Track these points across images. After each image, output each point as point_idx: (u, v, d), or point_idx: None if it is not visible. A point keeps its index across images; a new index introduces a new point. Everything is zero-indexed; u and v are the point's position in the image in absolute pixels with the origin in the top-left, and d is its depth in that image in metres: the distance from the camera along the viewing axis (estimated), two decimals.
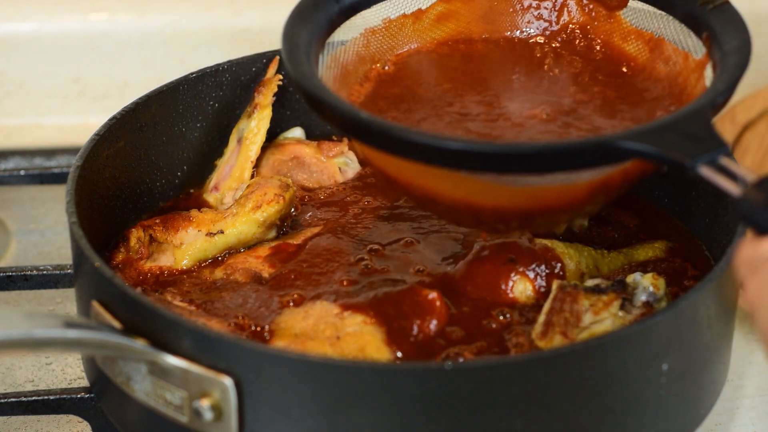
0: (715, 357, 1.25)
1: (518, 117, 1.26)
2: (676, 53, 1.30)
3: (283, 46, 1.22)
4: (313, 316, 1.26)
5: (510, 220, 1.24)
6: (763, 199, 1.02)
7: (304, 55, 1.22)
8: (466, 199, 1.20)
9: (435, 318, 1.26)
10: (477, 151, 1.13)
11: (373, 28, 1.32)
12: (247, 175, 1.47)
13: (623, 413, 1.18)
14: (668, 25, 1.31)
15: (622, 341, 1.15)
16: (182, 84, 1.47)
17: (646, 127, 1.13)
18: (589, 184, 1.18)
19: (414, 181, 1.21)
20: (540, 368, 1.13)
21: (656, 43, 1.32)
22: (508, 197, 1.19)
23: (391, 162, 1.20)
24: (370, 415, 1.13)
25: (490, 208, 1.21)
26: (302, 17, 1.25)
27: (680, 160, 1.09)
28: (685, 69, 1.28)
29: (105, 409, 1.28)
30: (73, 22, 1.85)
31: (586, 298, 1.26)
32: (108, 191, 1.40)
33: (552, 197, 1.19)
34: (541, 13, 1.37)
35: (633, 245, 1.39)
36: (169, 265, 1.37)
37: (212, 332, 1.16)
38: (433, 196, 1.22)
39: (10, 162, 1.80)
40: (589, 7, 1.36)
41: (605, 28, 1.36)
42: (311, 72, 1.21)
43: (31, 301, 1.55)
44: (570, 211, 1.25)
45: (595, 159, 1.13)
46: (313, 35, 1.24)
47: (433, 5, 1.35)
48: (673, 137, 1.10)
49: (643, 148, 1.10)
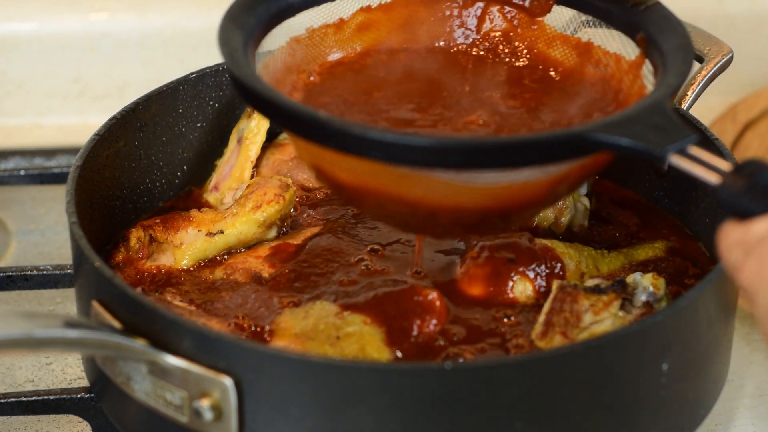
0: (715, 357, 1.25)
1: (456, 122, 1.25)
2: (607, 56, 1.30)
3: (222, 50, 1.19)
4: (313, 316, 1.26)
5: (468, 222, 1.21)
6: (742, 184, 1.03)
7: (243, 59, 1.19)
8: (423, 200, 1.17)
9: (435, 318, 1.26)
10: (449, 146, 1.11)
11: (297, 37, 1.30)
12: (247, 175, 1.46)
13: (623, 413, 1.18)
14: (597, 28, 1.31)
15: (622, 341, 1.15)
16: (182, 84, 1.47)
17: (615, 118, 1.12)
18: (549, 180, 1.17)
19: (369, 184, 1.18)
20: (540, 368, 1.13)
21: (584, 48, 1.32)
22: (468, 197, 1.17)
23: (344, 167, 1.17)
24: (370, 415, 1.13)
25: (448, 209, 1.18)
26: (234, 23, 1.22)
27: (650, 150, 1.09)
28: (618, 71, 1.28)
29: (105, 409, 1.28)
30: (73, 22, 1.85)
31: (586, 298, 1.26)
32: (108, 191, 1.40)
33: (512, 196, 1.18)
34: (462, 21, 1.36)
35: (633, 245, 1.39)
36: (169, 265, 1.37)
37: (212, 332, 1.16)
38: (389, 199, 1.19)
39: (10, 162, 1.80)
40: (511, 14, 1.36)
41: (529, 35, 1.35)
42: (256, 75, 1.19)
43: (31, 301, 1.55)
44: (528, 210, 1.23)
45: (566, 152, 1.12)
46: (247, 41, 1.22)
47: (354, 15, 1.34)
48: (641, 128, 1.10)
49: (615, 139, 1.10)
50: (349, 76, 1.31)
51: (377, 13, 1.34)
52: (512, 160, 1.11)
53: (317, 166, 1.22)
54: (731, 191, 1.04)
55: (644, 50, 1.25)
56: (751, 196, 1.03)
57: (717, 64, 1.44)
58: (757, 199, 1.02)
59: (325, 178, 1.23)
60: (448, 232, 1.27)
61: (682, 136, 1.09)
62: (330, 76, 1.31)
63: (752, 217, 1.02)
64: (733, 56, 1.45)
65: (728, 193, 1.04)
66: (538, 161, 1.12)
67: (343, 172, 1.19)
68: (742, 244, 1.02)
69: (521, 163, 1.12)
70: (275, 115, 1.16)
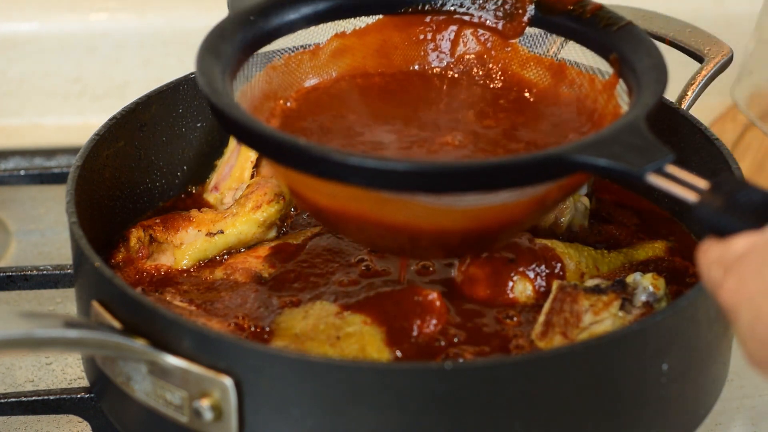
0: (715, 357, 1.25)
1: (432, 144, 1.26)
2: (581, 76, 1.31)
3: (199, 79, 1.19)
4: (313, 316, 1.26)
5: (450, 244, 1.22)
6: (720, 202, 1.04)
7: (222, 87, 1.20)
8: (404, 223, 1.18)
9: (435, 318, 1.26)
10: (427, 171, 1.11)
11: (274, 64, 1.31)
12: (247, 175, 1.46)
13: (623, 413, 1.18)
14: (570, 49, 1.32)
15: (622, 341, 1.15)
16: (182, 84, 1.47)
17: (591, 140, 1.13)
18: (529, 201, 1.18)
19: (349, 209, 1.19)
20: (540, 368, 1.13)
21: (558, 68, 1.33)
22: (449, 219, 1.18)
23: (324, 192, 1.18)
24: (370, 415, 1.13)
25: (429, 232, 1.19)
26: (212, 52, 1.23)
27: (629, 170, 1.10)
28: (592, 91, 1.30)
29: (105, 409, 1.28)
30: (73, 22, 1.85)
31: (586, 298, 1.26)
32: (108, 191, 1.40)
33: (492, 217, 1.19)
34: (436, 45, 1.37)
35: (633, 245, 1.39)
36: (169, 265, 1.37)
37: (212, 332, 1.16)
38: (369, 223, 1.19)
39: (10, 162, 1.80)
40: (484, 37, 1.37)
41: (502, 57, 1.36)
42: (235, 103, 1.19)
43: (31, 301, 1.55)
44: (509, 230, 1.24)
45: (545, 174, 1.13)
46: (224, 70, 1.23)
47: (329, 41, 1.35)
48: (618, 149, 1.11)
49: (593, 160, 1.11)
50: (325, 100, 1.32)
51: (351, 38, 1.35)
52: (491, 183, 1.12)
53: (298, 193, 1.23)
54: (709, 209, 1.04)
55: (617, 70, 1.26)
56: (729, 213, 1.03)
57: (717, 64, 1.44)
58: (735, 217, 1.02)
59: (306, 204, 1.24)
60: (430, 254, 1.28)
61: (659, 155, 1.10)
62: (306, 102, 1.32)
63: (731, 235, 1.02)
64: (733, 56, 1.45)
65: (706, 211, 1.05)
66: (516, 183, 1.13)
67: (323, 197, 1.19)
68: (722, 261, 1.01)
69: (500, 185, 1.13)
70: (255, 142, 1.16)
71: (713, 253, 1.03)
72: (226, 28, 1.26)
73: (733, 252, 1.01)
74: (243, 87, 1.26)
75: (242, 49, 1.26)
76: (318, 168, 1.12)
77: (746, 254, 1.00)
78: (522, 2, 1.34)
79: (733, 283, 1.00)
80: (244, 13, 1.28)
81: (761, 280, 0.98)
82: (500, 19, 1.35)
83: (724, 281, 1.01)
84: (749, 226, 1.01)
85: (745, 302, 0.98)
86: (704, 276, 1.03)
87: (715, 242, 1.03)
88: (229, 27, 1.26)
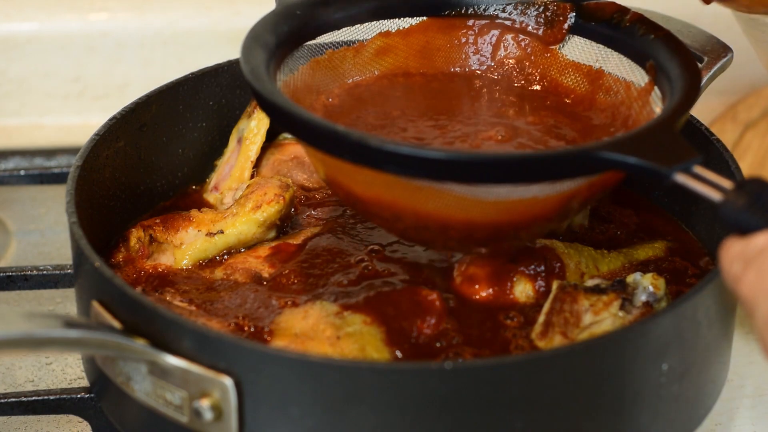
0: (715, 357, 1.25)
1: (474, 139, 1.29)
2: (617, 83, 1.34)
3: (244, 66, 1.22)
4: (313, 316, 1.26)
5: (479, 237, 1.24)
6: (744, 201, 1.07)
7: (266, 75, 1.23)
8: (436, 213, 1.20)
9: (435, 318, 1.26)
10: (463, 160, 1.14)
11: (318, 59, 1.34)
12: (247, 175, 1.47)
13: (623, 413, 1.18)
14: (608, 56, 1.35)
15: (622, 341, 1.15)
16: (182, 84, 1.47)
17: (622, 137, 1.16)
18: (559, 196, 1.20)
19: (383, 197, 1.21)
20: (540, 368, 1.13)
21: (596, 75, 1.36)
22: (480, 211, 1.20)
23: (359, 179, 1.20)
24: (370, 415, 1.13)
25: (460, 223, 1.21)
26: (257, 41, 1.26)
27: (657, 169, 1.12)
28: (628, 98, 1.32)
29: (105, 409, 1.28)
30: (73, 22, 1.85)
31: (586, 298, 1.26)
32: (108, 191, 1.40)
33: (522, 211, 1.21)
34: (477, 48, 1.39)
35: (633, 245, 1.39)
36: (169, 265, 1.37)
37: (212, 332, 1.16)
38: (403, 212, 1.22)
39: (10, 162, 1.80)
40: (525, 42, 1.39)
41: (542, 62, 1.39)
42: (278, 90, 1.22)
43: (31, 301, 1.55)
44: (537, 225, 1.26)
45: (575, 169, 1.15)
46: (269, 60, 1.26)
47: (373, 39, 1.38)
48: (649, 148, 1.14)
49: (623, 158, 1.13)
50: (368, 97, 1.35)
51: (395, 38, 1.38)
52: (522, 176, 1.15)
53: (333, 180, 1.25)
54: (733, 208, 1.07)
55: (653, 77, 1.29)
56: (752, 212, 1.06)
57: (717, 64, 1.44)
58: (757, 215, 1.06)
59: (341, 191, 1.26)
60: (460, 246, 1.29)
61: (688, 156, 1.12)
62: (347, 98, 1.35)
63: (753, 232, 1.06)
64: (733, 56, 1.45)
65: (730, 209, 1.08)
66: (546, 177, 1.16)
67: (358, 185, 1.22)
68: (743, 256, 1.05)
69: (530, 178, 1.16)
70: (294, 128, 1.19)
71: (735, 249, 1.06)
72: (273, 20, 1.29)
73: (754, 247, 1.04)
74: (286, 78, 1.29)
75: (287, 42, 1.29)
76: (355, 154, 1.15)
77: (766, 249, 1.04)
78: (563, 10, 1.36)
79: (752, 276, 1.03)
80: (291, 7, 1.31)
81: None
82: (541, 25, 1.38)
83: (744, 275, 1.04)
84: None
85: (763, 295, 1.02)
86: (725, 270, 1.07)
87: (737, 239, 1.06)
88: (275, 19, 1.29)
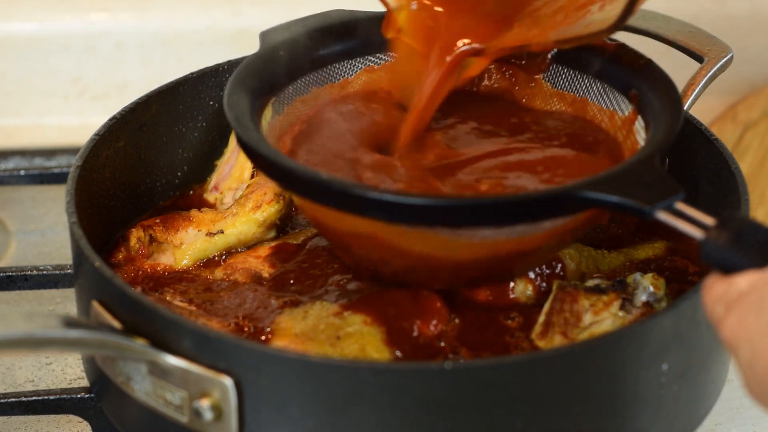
0: (715, 357, 1.25)
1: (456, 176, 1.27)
2: (602, 112, 1.33)
3: (228, 114, 1.23)
4: (313, 316, 1.26)
5: (468, 275, 1.25)
6: (726, 239, 1.05)
7: (249, 121, 1.24)
8: (421, 255, 1.22)
9: (435, 318, 1.26)
10: (444, 205, 1.15)
11: (303, 98, 1.34)
12: (247, 175, 1.46)
13: (623, 413, 1.18)
14: (591, 85, 1.35)
15: (622, 341, 1.15)
16: (182, 84, 1.47)
17: (603, 176, 1.15)
18: (545, 234, 1.21)
19: (369, 240, 1.22)
20: (540, 368, 1.13)
21: (580, 104, 1.35)
22: (465, 252, 1.21)
23: (345, 223, 1.21)
24: (370, 415, 1.13)
25: (447, 263, 1.23)
26: (241, 86, 1.27)
27: (640, 207, 1.12)
28: (612, 126, 1.32)
29: (105, 409, 1.28)
30: (73, 22, 1.85)
31: (586, 298, 1.26)
32: (108, 191, 1.40)
33: (508, 249, 1.22)
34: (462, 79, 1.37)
35: (633, 245, 1.39)
36: (169, 265, 1.37)
37: (212, 332, 1.16)
38: (388, 253, 1.23)
39: (10, 162, 1.80)
40: (509, 72, 1.39)
41: (526, 92, 1.39)
42: (262, 138, 1.23)
43: (31, 301, 1.55)
44: (527, 262, 1.27)
45: (556, 209, 1.16)
46: (254, 103, 1.26)
47: (358, 75, 1.38)
48: (631, 186, 1.14)
49: (604, 197, 1.13)
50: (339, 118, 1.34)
51: (380, 72, 1.38)
52: (504, 218, 1.16)
53: (319, 222, 1.27)
54: (715, 246, 1.05)
55: (636, 106, 1.29)
56: (734, 250, 1.04)
57: (717, 64, 1.44)
58: (739, 254, 1.04)
59: (327, 233, 1.28)
60: (450, 282, 1.29)
61: (670, 193, 1.12)
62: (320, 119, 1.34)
63: (735, 272, 1.03)
64: (733, 56, 1.45)
65: (712, 247, 1.06)
66: (529, 218, 1.16)
67: (343, 228, 1.23)
68: (724, 299, 1.03)
69: (512, 221, 1.16)
70: (279, 177, 1.20)
71: (717, 290, 1.04)
72: (255, 63, 1.30)
73: (735, 290, 1.02)
74: (272, 120, 1.30)
75: (272, 84, 1.30)
76: (338, 201, 1.16)
77: (747, 293, 1.01)
78: None
79: (733, 320, 1.01)
80: (274, 48, 1.31)
81: (760, 320, 0.99)
82: (524, 56, 1.37)
83: (725, 318, 1.02)
84: (753, 264, 1.03)
85: (744, 341, 1.00)
86: (708, 312, 1.05)
87: (719, 278, 1.04)
88: (258, 63, 1.30)
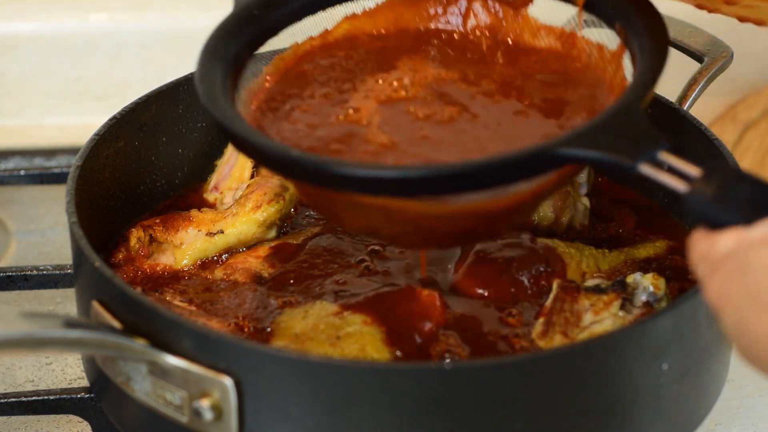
0: (715, 357, 1.25)
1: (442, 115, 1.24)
2: (590, 45, 1.28)
3: (199, 88, 1.19)
4: (313, 316, 1.26)
5: (451, 236, 1.22)
6: (711, 192, 0.99)
7: (222, 95, 1.19)
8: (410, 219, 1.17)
9: (434, 318, 1.26)
10: (411, 176, 1.10)
11: (283, 55, 1.29)
12: (247, 175, 1.46)
13: (623, 413, 1.18)
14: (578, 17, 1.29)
15: (622, 341, 1.15)
16: (182, 84, 1.47)
17: (582, 130, 1.10)
18: (527, 192, 1.16)
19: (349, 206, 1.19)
20: (540, 368, 1.13)
21: (568, 38, 1.30)
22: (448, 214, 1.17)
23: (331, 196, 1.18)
24: (370, 415, 1.13)
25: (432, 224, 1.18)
26: (213, 54, 1.22)
27: (621, 162, 1.06)
28: (602, 61, 1.26)
29: (105, 409, 1.28)
30: (73, 22, 1.85)
31: (586, 297, 1.26)
32: (108, 191, 1.40)
33: (493, 208, 1.17)
34: (447, 20, 1.35)
35: (634, 244, 1.39)
36: (169, 265, 1.37)
37: (212, 332, 1.16)
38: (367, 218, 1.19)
39: (10, 162, 1.80)
40: (494, 8, 1.34)
41: (514, 27, 1.34)
42: (235, 114, 1.18)
43: (31, 301, 1.55)
44: (509, 219, 1.23)
45: (535, 169, 1.11)
46: (227, 72, 1.22)
47: (339, 24, 1.32)
48: (610, 138, 1.08)
49: (584, 153, 1.08)
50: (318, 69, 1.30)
51: (362, 19, 1.33)
52: (480, 183, 1.10)
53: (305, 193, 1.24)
54: (699, 199, 1.00)
55: (624, 39, 1.23)
56: (720, 204, 0.99)
57: (717, 65, 1.45)
58: (725, 209, 0.98)
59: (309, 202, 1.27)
60: (436, 244, 1.27)
61: (653, 143, 1.06)
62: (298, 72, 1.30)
63: (720, 228, 0.98)
64: (733, 56, 1.45)
65: (696, 201, 1.00)
66: (506, 181, 1.11)
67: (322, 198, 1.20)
68: (708, 259, 0.98)
69: (489, 184, 1.11)
70: (253, 155, 1.16)
71: (701, 248, 0.99)
72: (229, 27, 1.25)
73: (719, 250, 0.97)
74: (250, 85, 1.25)
75: (247, 46, 1.25)
76: (312, 178, 1.13)
77: (732, 254, 0.96)
78: None
79: (717, 283, 0.96)
80: (248, 8, 1.26)
81: (744, 285, 0.94)
82: None
83: (709, 280, 0.97)
84: (738, 221, 0.97)
85: (729, 308, 0.95)
86: (693, 270, 1.00)
87: (704, 235, 0.99)
88: (232, 26, 1.25)
